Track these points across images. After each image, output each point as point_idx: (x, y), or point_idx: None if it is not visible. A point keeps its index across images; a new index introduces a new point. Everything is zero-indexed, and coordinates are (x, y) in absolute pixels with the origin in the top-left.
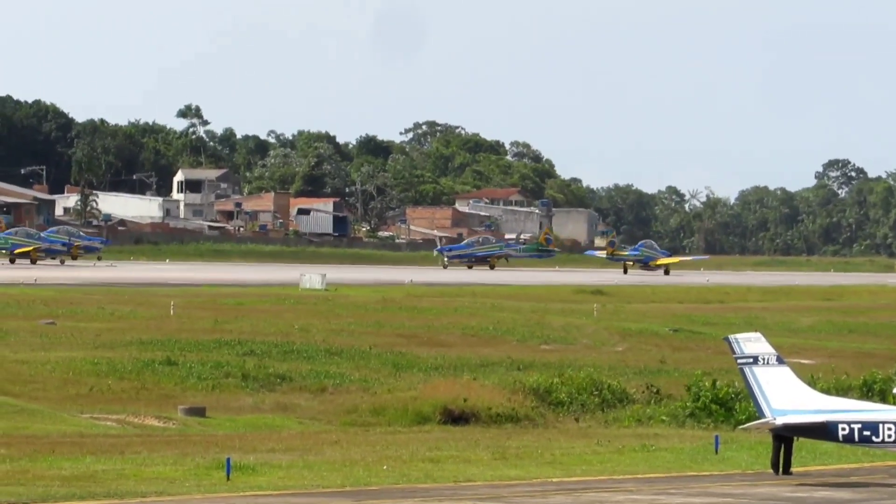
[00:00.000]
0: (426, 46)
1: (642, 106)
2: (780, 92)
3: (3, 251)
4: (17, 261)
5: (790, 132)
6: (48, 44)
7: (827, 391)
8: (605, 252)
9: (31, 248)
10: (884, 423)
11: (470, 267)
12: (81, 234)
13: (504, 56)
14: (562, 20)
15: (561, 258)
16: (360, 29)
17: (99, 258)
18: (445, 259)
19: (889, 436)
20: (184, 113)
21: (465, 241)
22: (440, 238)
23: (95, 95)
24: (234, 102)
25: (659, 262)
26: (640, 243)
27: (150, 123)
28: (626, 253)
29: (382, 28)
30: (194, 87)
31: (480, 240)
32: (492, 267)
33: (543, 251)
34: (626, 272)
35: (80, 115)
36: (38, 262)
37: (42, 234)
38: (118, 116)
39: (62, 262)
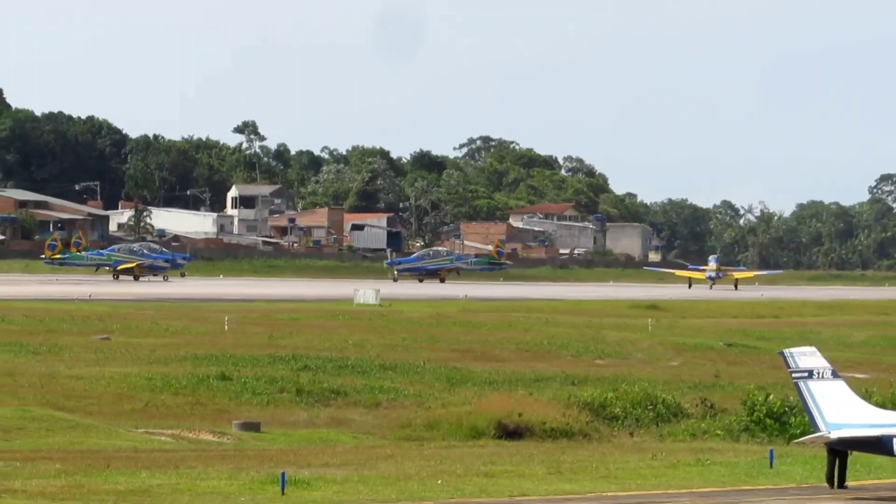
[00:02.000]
0: (480, 62)
1: (697, 120)
2: (834, 106)
3: (107, 268)
4: (121, 277)
5: (843, 146)
6: (102, 60)
7: (882, 405)
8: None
9: (134, 265)
10: None
11: (421, 280)
12: (164, 250)
13: (558, 71)
14: (615, 34)
15: (616, 273)
16: (416, 46)
17: (183, 274)
18: (395, 272)
19: None
20: (239, 129)
21: (415, 255)
22: (390, 251)
23: (149, 111)
24: (289, 118)
25: (735, 276)
26: (714, 258)
27: (204, 139)
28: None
29: (438, 45)
30: (249, 103)
31: (431, 253)
32: (442, 280)
33: (495, 264)
34: (690, 287)
35: (133, 131)
36: (141, 278)
37: (144, 251)
38: (172, 132)
39: (165, 278)
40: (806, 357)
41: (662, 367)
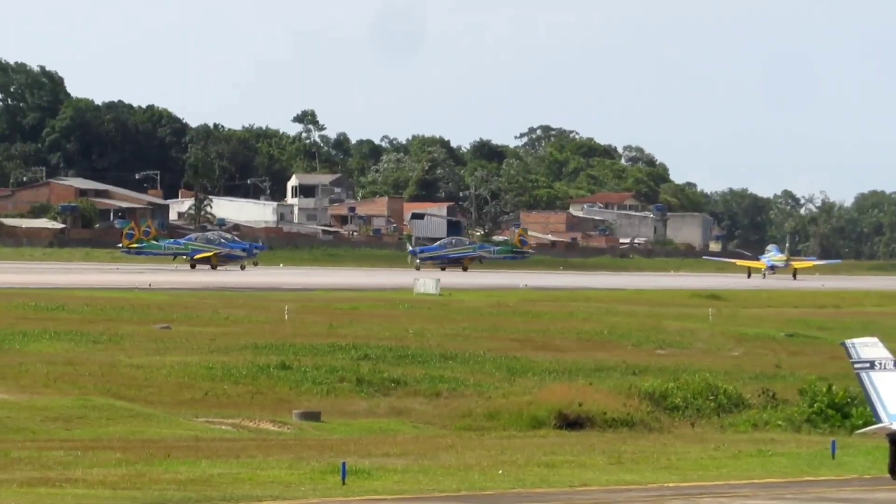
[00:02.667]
0: (541, 51)
1: (758, 110)
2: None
3: (184, 256)
4: (198, 266)
5: None
6: (162, 49)
7: None
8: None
9: (211, 254)
10: None
11: (443, 269)
12: (236, 239)
13: (618, 60)
14: (675, 24)
15: (676, 263)
16: (478, 36)
17: (255, 263)
18: (418, 261)
19: None
20: (299, 118)
21: (438, 243)
22: (413, 239)
23: (209, 100)
24: (349, 107)
25: (794, 266)
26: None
27: (264, 128)
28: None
29: (499, 33)
30: (309, 92)
31: (454, 241)
32: (464, 269)
33: (518, 253)
34: (749, 276)
35: (194, 120)
36: (219, 267)
37: (221, 240)
38: (232, 121)
39: (243, 267)
40: (868, 347)
41: (723, 357)
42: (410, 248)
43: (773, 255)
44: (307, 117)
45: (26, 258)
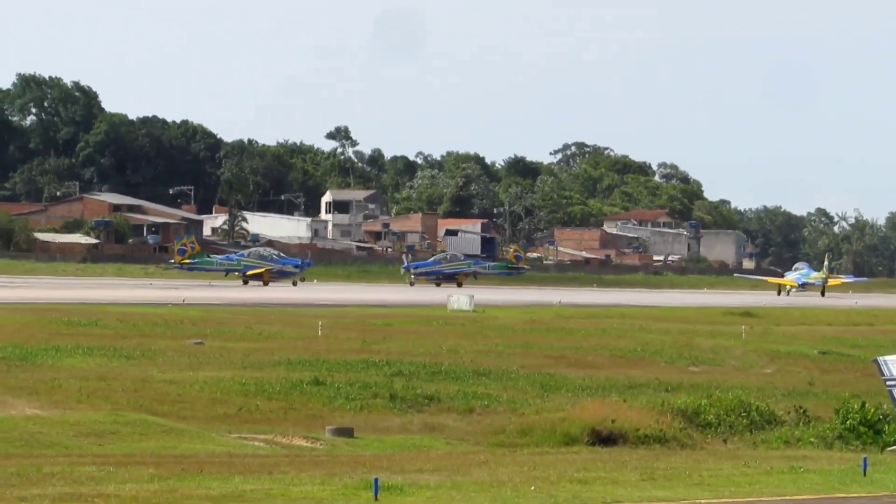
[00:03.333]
0: (576, 68)
1: (792, 128)
2: None
3: (236, 273)
4: (251, 282)
5: None
6: (197, 64)
7: None
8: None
9: (263, 270)
10: None
11: (438, 284)
12: (282, 255)
13: (653, 77)
14: (711, 42)
15: (709, 280)
16: (513, 53)
17: (302, 279)
18: (412, 276)
19: None
20: (333, 135)
21: (433, 259)
22: (407, 254)
23: (244, 115)
24: (383, 123)
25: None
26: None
27: (298, 144)
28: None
29: (534, 50)
30: (343, 108)
31: (448, 257)
32: (459, 284)
33: (513, 268)
34: (779, 294)
35: (228, 136)
36: (271, 283)
37: (274, 256)
38: (266, 137)
39: (295, 283)
40: None
41: (756, 375)
42: (405, 265)
43: (803, 273)
44: (341, 133)
45: (60, 273)
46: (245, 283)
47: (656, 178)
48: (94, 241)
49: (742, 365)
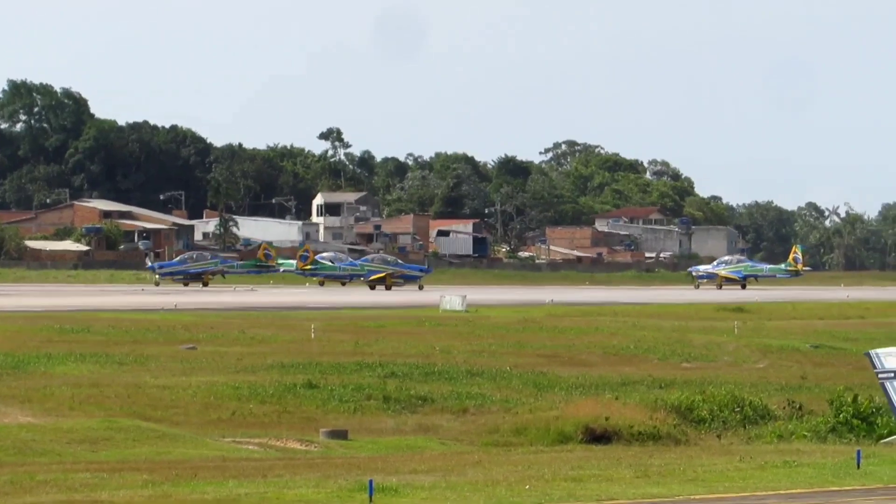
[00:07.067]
0: (564, 66)
1: (782, 123)
2: None
3: (360, 278)
4: (377, 287)
5: None
6: (185, 69)
7: None
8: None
9: (385, 275)
10: None
11: (186, 284)
12: (398, 260)
13: (643, 74)
14: (700, 38)
15: None
16: (501, 52)
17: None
18: (157, 276)
19: None
20: (324, 136)
21: (179, 258)
22: (152, 254)
23: (233, 119)
24: (373, 125)
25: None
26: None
27: (289, 147)
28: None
29: (521, 49)
30: (332, 110)
31: (194, 256)
32: (205, 284)
33: (263, 267)
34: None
35: (218, 140)
36: (394, 287)
37: (398, 261)
38: (256, 140)
39: (421, 287)
40: (892, 357)
41: (749, 370)
42: (149, 264)
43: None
44: (332, 135)
45: (51, 281)
46: (372, 287)
47: (647, 175)
48: (85, 247)
49: (735, 360)
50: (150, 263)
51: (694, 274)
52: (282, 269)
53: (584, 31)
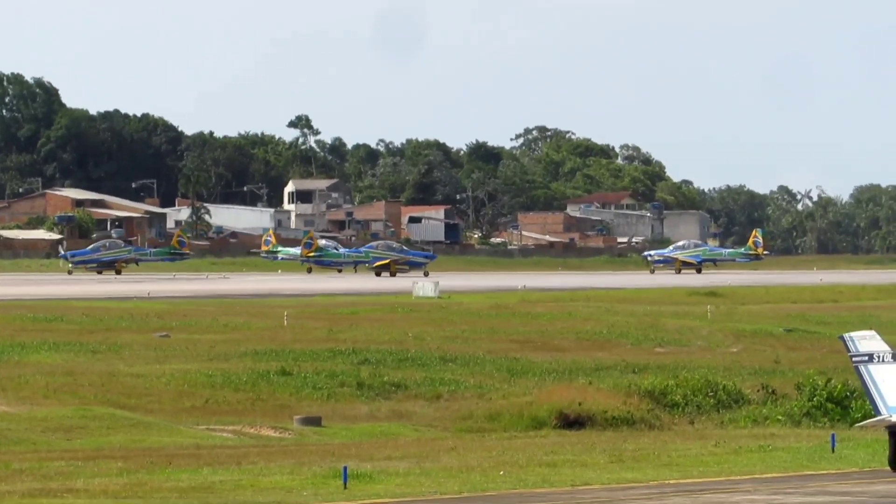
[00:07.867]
0: (535, 52)
1: (753, 106)
2: (892, 89)
3: (365, 265)
4: (382, 274)
5: None
6: (156, 57)
7: None
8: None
9: (389, 261)
10: None
11: (99, 272)
12: (404, 248)
13: (613, 59)
14: (670, 23)
15: None
16: (472, 38)
17: (426, 273)
18: (70, 265)
19: None
20: (294, 123)
21: (91, 247)
22: (62, 243)
23: (204, 108)
24: (344, 111)
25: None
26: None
27: (260, 135)
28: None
29: (492, 34)
30: (303, 97)
31: (107, 244)
32: (118, 272)
33: (176, 254)
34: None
35: (189, 128)
36: (399, 274)
37: (403, 248)
38: (227, 128)
39: (426, 273)
40: (866, 341)
41: (722, 354)
42: (62, 253)
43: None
44: (302, 122)
45: (24, 269)
46: (378, 274)
47: (619, 160)
48: (58, 236)
49: (708, 345)
50: (62, 252)
51: (649, 259)
52: (280, 256)
53: (554, 17)
